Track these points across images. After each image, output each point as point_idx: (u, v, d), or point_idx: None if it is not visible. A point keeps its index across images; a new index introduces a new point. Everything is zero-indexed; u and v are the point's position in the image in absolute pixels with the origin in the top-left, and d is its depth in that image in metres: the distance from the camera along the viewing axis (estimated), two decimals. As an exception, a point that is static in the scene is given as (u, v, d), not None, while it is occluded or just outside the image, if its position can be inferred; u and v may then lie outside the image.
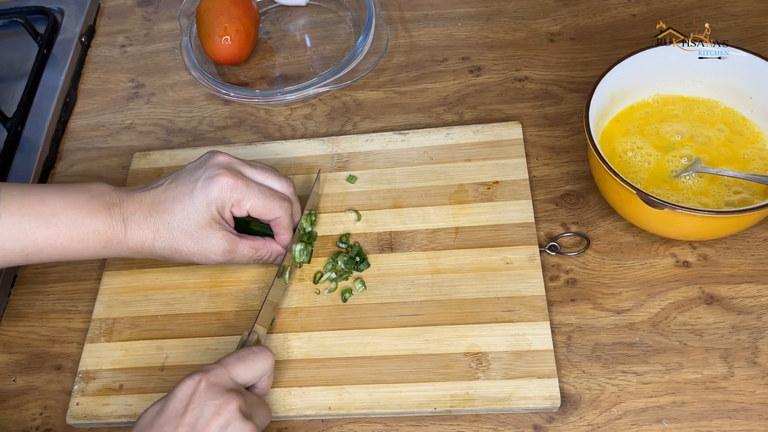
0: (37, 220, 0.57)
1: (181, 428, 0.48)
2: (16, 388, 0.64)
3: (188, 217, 0.58)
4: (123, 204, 0.59)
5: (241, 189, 0.58)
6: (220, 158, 0.60)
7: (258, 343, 0.58)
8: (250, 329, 0.58)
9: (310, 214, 0.66)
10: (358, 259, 0.64)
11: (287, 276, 0.63)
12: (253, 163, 0.61)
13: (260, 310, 0.59)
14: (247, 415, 0.50)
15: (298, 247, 0.64)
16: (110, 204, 0.59)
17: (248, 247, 0.61)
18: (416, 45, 0.82)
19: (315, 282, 0.64)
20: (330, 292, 0.63)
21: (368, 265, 0.64)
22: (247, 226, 0.64)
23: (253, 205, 0.59)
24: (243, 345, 0.57)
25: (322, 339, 0.61)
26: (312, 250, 0.66)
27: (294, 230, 0.63)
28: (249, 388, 0.55)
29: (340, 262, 0.64)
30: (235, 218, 0.61)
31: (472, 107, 0.75)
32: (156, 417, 0.50)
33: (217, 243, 0.59)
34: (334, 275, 0.63)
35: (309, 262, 0.65)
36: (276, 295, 0.62)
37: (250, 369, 0.53)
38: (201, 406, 0.49)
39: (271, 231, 0.63)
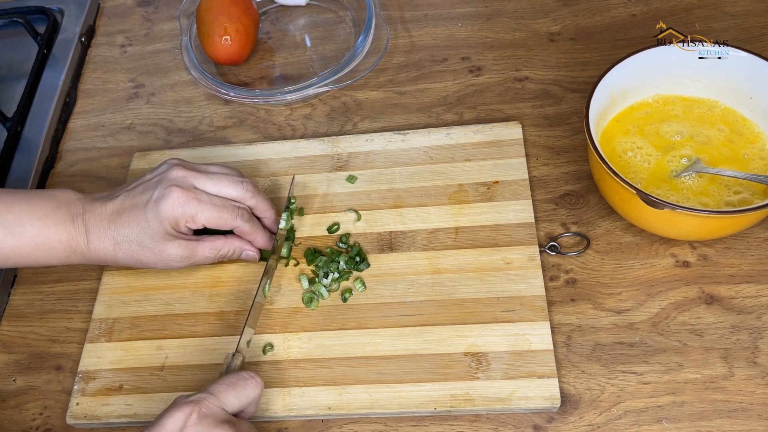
0: (3, 230, 0.58)
1: None
2: (16, 388, 0.64)
3: (143, 231, 0.58)
4: (85, 215, 0.60)
5: (192, 204, 0.58)
6: (174, 173, 0.60)
7: (243, 365, 0.58)
8: (234, 351, 0.58)
9: (289, 212, 0.66)
10: (358, 259, 0.64)
11: (267, 290, 0.63)
12: (208, 172, 0.61)
13: (244, 328, 0.59)
14: None
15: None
16: (74, 214, 0.59)
17: (208, 248, 0.61)
18: (416, 45, 0.82)
19: (312, 283, 0.64)
20: (330, 292, 0.63)
21: (368, 265, 0.64)
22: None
23: (207, 218, 0.59)
24: (228, 368, 0.57)
25: (322, 339, 0.61)
26: (292, 247, 0.66)
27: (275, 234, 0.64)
28: (236, 415, 0.53)
29: (341, 262, 0.64)
30: None
31: (472, 107, 0.75)
32: None
33: (174, 252, 0.59)
34: (337, 275, 0.63)
35: (289, 257, 0.66)
36: (260, 296, 0.62)
37: (241, 397, 0.53)
38: None
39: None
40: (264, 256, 0.65)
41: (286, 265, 0.66)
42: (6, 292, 0.70)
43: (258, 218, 0.64)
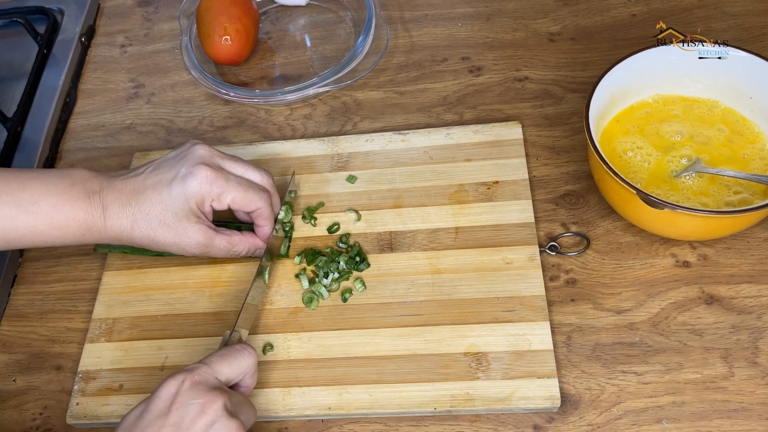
0: (18, 208, 0.57)
1: (165, 428, 0.48)
2: (16, 388, 0.64)
3: (166, 208, 0.58)
4: (103, 192, 0.59)
5: (220, 183, 0.59)
6: (201, 151, 0.60)
7: (240, 341, 0.58)
8: (231, 328, 0.58)
9: (289, 205, 0.67)
10: (358, 259, 0.64)
11: (266, 276, 0.63)
12: (232, 157, 0.62)
13: (240, 310, 0.59)
14: (232, 413, 0.50)
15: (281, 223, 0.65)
16: (90, 191, 0.59)
17: (225, 241, 0.61)
18: (416, 45, 0.82)
19: (312, 283, 0.64)
20: (331, 292, 0.63)
21: (368, 265, 0.64)
22: (225, 221, 0.65)
23: (233, 197, 0.59)
24: (225, 344, 0.57)
25: (322, 339, 0.61)
26: (290, 245, 0.66)
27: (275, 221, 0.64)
28: (234, 387, 0.54)
29: (341, 262, 0.64)
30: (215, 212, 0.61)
31: (472, 107, 0.75)
32: (139, 418, 0.49)
33: (194, 236, 0.59)
34: (337, 275, 0.63)
35: (287, 255, 0.66)
36: (256, 297, 0.62)
37: (233, 366, 0.53)
38: (185, 405, 0.49)
39: (247, 228, 0.64)
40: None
41: (284, 254, 0.66)
42: (6, 292, 0.70)
43: None
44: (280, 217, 0.65)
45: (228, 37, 0.78)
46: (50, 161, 0.79)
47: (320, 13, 0.88)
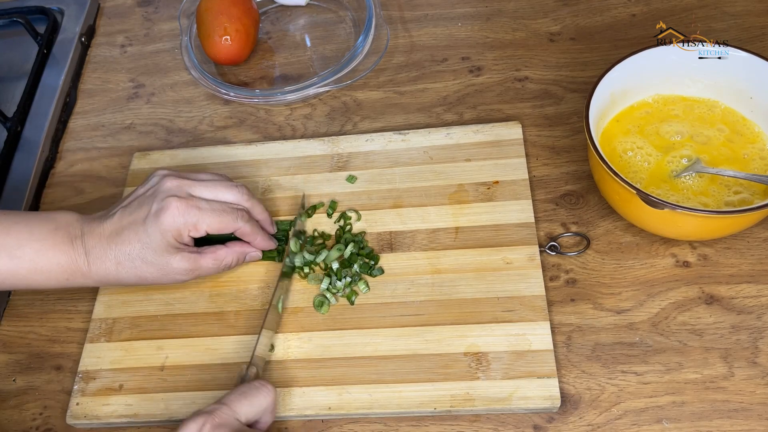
0: (1, 252, 0.57)
1: None
2: (16, 388, 0.64)
3: (145, 246, 0.58)
4: (84, 237, 0.59)
5: (193, 213, 0.58)
6: (168, 183, 0.59)
7: (257, 376, 0.58)
8: (248, 363, 0.58)
9: (297, 237, 0.65)
10: (372, 263, 0.64)
11: (280, 305, 0.63)
12: (202, 179, 0.61)
13: (258, 336, 0.59)
14: None
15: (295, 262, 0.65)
16: (73, 236, 0.59)
17: (211, 260, 0.61)
18: (416, 45, 0.82)
19: (329, 289, 0.63)
20: (343, 296, 0.63)
21: (382, 271, 0.63)
22: (211, 236, 0.63)
23: (209, 224, 0.59)
24: (242, 380, 0.56)
25: (322, 339, 0.61)
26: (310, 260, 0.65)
27: (283, 238, 0.64)
28: (252, 425, 0.54)
29: (356, 266, 0.63)
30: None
31: (472, 107, 0.75)
32: None
33: (178, 265, 0.59)
34: (349, 279, 0.63)
35: (310, 266, 0.65)
36: (271, 321, 0.61)
37: (254, 405, 0.53)
38: None
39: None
40: (266, 255, 0.65)
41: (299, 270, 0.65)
42: (6, 292, 0.70)
43: None
44: (291, 248, 0.64)
45: (228, 37, 0.78)
46: (50, 161, 0.79)
47: (320, 13, 0.88)
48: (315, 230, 0.67)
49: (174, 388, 0.61)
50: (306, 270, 0.64)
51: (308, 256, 0.64)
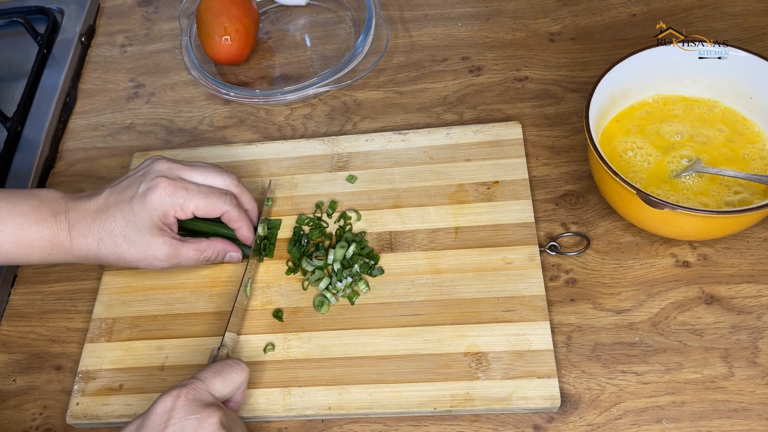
0: None
1: None
2: (16, 388, 0.64)
3: (129, 224, 0.58)
4: (69, 212, 0.59)
5: (181, 193, 0.59)
6: (159, 165, 0.60)
7: (228, 357, 0.59)
8: (219, 343, 0.58)
9: (264, 221, 0.66)
10: (372, 263, 0.64)
11: (248, 289, 0.63)
12: (194, 164, 0.62)
13: (228, 321, 0.60)
14: (228, 429, 0.50)
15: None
16: (56, 212, 0.59)
17: (192, 250, 0.61)
18: (416, 45, 0.82)
19: (328, 289, 0.63)
20: (343, 296, 0.63)
21: (382, 271, 0.64)
22: (196, 228, 0.64)
23: (196, 205, 0.60)
24: (214, 359, 0.57)
25: (322, 339, 0.61)
26: (273, 248, 0.66)
27: (255, 229, 0.65)
28: (224, 403, 0.55)
29: (356, 266, 0.63)
30: (186, 221, 0.62)
31: (472, 107, 0.75)
32: None
33: (159, 249, 0.59)
34: (350, 279, 0.63)
35: (271, 256, 0.66)
36: (240, 304, 0.62)
37: (227, 382, 0.54)
38: (181, 421, 0.49)
39: (224, 229, 0.64)
40: (246, 255, 0.65)
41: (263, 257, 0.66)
42: (6, 292, 0.70)
43: None
44: (258, 233, 0.65)
45: (228, 37, 0.78)
46: (50, 161, 0.79)
47: (320, 13, 0.88)
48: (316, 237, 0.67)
49: (174, 388, 0.61)
50: (310, 269, 0.65)
51: (317, 262, 0.65)
